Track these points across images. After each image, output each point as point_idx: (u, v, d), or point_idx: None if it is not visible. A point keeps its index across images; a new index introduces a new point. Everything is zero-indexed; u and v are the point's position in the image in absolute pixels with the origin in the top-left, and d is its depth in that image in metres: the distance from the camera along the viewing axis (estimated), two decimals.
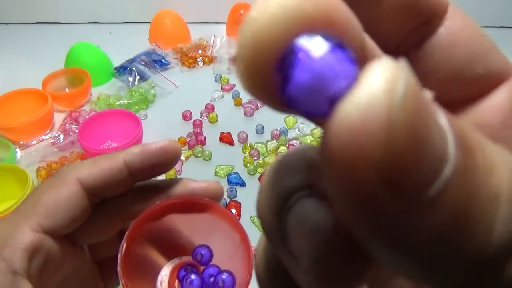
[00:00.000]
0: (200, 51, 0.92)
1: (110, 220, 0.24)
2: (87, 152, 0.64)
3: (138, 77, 0.84)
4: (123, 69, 0.85)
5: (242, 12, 0.94)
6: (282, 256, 0.10)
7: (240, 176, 0.64)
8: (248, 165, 0.65)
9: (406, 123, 0.06)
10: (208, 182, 0.25)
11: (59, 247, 0.22)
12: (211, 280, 0.23)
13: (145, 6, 1.03)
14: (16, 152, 0.67)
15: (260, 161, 0.67)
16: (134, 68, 0.85)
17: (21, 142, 0.70)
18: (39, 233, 0.21)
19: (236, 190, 0.62)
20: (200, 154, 0.68)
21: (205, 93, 0.81)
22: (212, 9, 1.03)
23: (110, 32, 1.03)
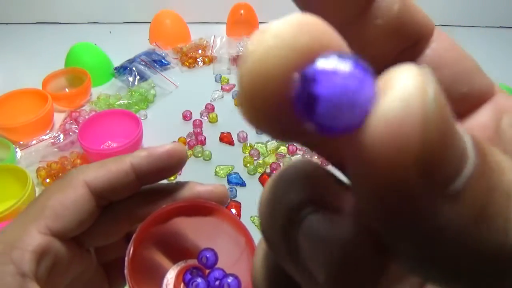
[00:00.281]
0: (200, 51, 0.92)
1: (117, 223, 0.24)
2: (87, 152, 0.64)
3: (138, 77, 0.84)
4: (123, 69, 0.85)
5: (242, 12, 0.94)
6: (292, 270, 0.10)
7: (240, 176, 0.64)
8: (248, 165, 0.65)
9: (438, 122, 0.07)
10: (214, 186, 0.25)
11: (67, 250, 0.22)
12: (217, 284, 0.23)
13: (145, 6, 1.03)
14: (16, 152, 0.67)
15: (260, 161, 0.67)
16: (134, 68, 0.85)
17: (21, 142, 0.70)
18: (47, 236, 0.21)
19: (236, 190, 0.62)
20: (200, 154, 0.68)
21: (205, 93, 0.81)
22: (212, 9, 1.03)
23: (110, 32, 1.03)
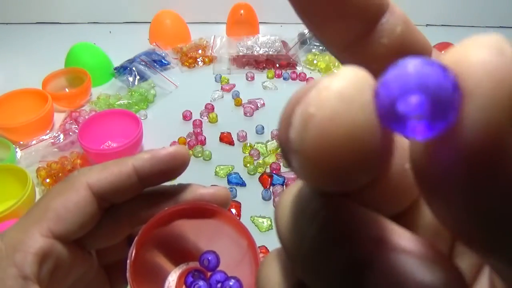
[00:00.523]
0: (200, 51, 0.92)
1: (119, 225, 0.24)
2: (87, 152, 0.64)
3: (138, 77, 0.84)
4: (123, 69, 0.85)
5: (242, 12, 0.94)
6: None
7: (240, 176, 0.64)
8: (248, 165, 0.65)
9: None
10: (216, 188, 0.25)
11: (69, 252, 0.22)
12: (218, 286, 0.23)
13: (145, 6, 1.03)
14: (16, 152, 0.67)
15: (260, 161, 0.67)
16: (134, 68, 0.85)
17: (21, 142, 0.70)
18: (49, 239, 0.21)
19: (236, 190, 0.62)
20: (200, 154, 0.68)
21: (205, 93, 0.81)
22: (212, 9, 1.03)
23: (110, 32, 1.03)
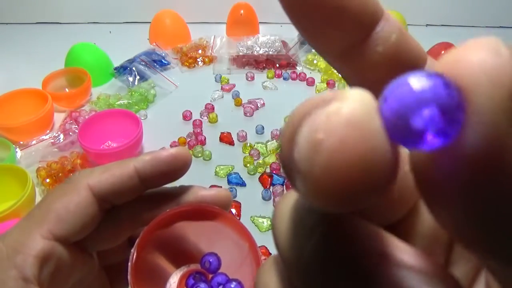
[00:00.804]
0: (200, 51, 0.92)
1: (120, 227, 0.24)
2: (87, 152, 0.64)
3: (138, 77, 0.84)
4: (123, 69, 0.85)
5: (242, 12, 0.94)
6: None
7: (240, 176, 0.64)
8: (248, 165, 0.65)
9: None
10: (217, 190, 0.25)
11: (69, 254, 0.22)
12: None
13: (145, 6, 1.03)
14: (16, 152, 0.67)
15: (260, 161, 0.67)
16: (134, 68, 0.85)
17: (21, 142, 0.70)
18: (50, 241, 0.21)
19: (236, 190, 0.62)
20: (200, 154, 0.68)
21: (205, 93, 0.81)
22: (212, 9, 1.03)
23: (110, 32, 1.03)
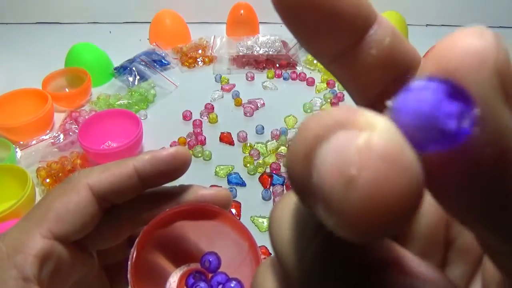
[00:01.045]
0: (200, 51, 0.92)
1: (120, 226, 0.24)
2: (87, 152, 0.64)
3: (138, 77, 0.84)
4: (123, 69, 0.85)
5: (242, 12, 0.94)
6: None
7: (240, 176, 0.64)
8: (248, 165, 0.65)
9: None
10: (217, 189, 0.25)
11: (69, 253, 0.22)
12: None
13: (145, 6, 1.03)
14: (16, 152, 0.67)
15: (260, 161, 0.67)
16: (134, 68, 0.85)
17: (21, 142, 0.70)
18: (50, 240, 0.21)
19: (236, 190, 0.62)
20: (200, 154, 0.68)
21: (205, 93, 0.81)
22: (212, 9, 1.03)
23: (110, 32, 1.03)
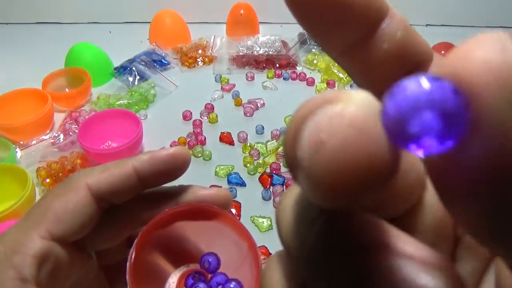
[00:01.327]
0: (200, 51, 0.92)
1: (119, 227, 0.24)
2: (87, 152, 0.64)
3: (138, 77, 0.84)
4: (123, 69, 0.85)
5: (242, 12, 0.94)
6: None
7: (240, 176, 0.64)
8: (248, 165, 0.65)
9: None
10: (217, 189, 0.25)
11: (68, 254, 0.22)
12: None
13: (145, 6, 1.03)
14: (16, 152, 0.67)
15: (260, 161, 0.67)
16: (134, 68, 0.85)
17: (21, 142, 0.70)
18: (48, 241, 0.21)
19: (236, 190, 0.62)
20: (200, 154, 0.68)
21: (205, 93, 0.81)
22: (212, 9, 1.03)
23: (110, 32, 1.03)
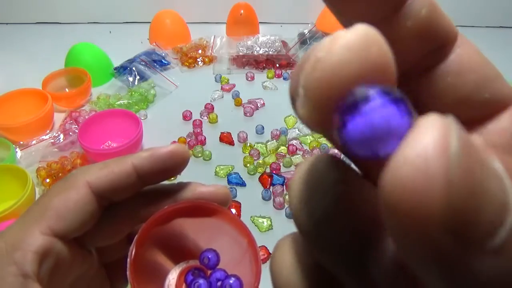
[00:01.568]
0: (200, 51, 0.92)
1: (119, 224, 0.24)
2: (87, 152, 0.64)
3: (138, 77, 0.84)
4: (123, 69, 0.85)
5: (242, 12, 0.94)
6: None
7: (240, 176, 0.64)
8: (248, 165, 0.65)
9: (464, 180, 0.06)
10: (216, 187, 0.25)
11: (69, 251, 0.22)
12: (219, 284, 0.23)
13: (145, 6, 1.03)
14: (16, 152, 0.67)
15: (260, 161, 0.67)
16: (134, 68, 0.85)
17: (21, 142, 0.70)
18: (49, 237, 0.21)
19: (236, 190, 0.62)
20: (200, 154, 0.68)
21: (205, 93, 0.81)
22: (212, 9, 1.03)
23: (110, 32, 1.03)
